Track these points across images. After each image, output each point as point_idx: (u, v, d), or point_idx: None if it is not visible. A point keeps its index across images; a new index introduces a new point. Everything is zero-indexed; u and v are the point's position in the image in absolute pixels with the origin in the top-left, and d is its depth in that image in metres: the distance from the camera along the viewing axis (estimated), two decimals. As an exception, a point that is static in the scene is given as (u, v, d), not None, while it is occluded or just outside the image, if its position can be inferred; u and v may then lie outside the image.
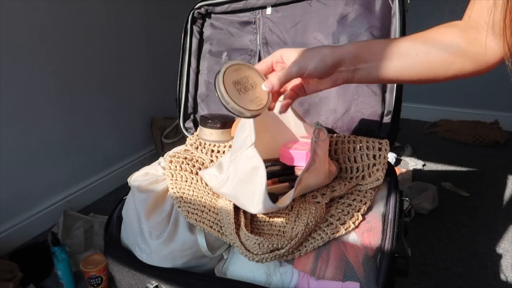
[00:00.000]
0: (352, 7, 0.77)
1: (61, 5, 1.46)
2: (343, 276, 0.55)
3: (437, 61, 0.50)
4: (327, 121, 0.83)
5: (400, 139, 2.15)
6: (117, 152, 1.88)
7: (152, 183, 0.71)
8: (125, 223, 0.72)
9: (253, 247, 0.56)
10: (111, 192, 1.83)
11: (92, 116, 1.70)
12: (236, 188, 0.59)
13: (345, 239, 0.59)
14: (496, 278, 1.20)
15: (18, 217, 1.46)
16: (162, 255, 0.63)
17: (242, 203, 0.60)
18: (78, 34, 1.56)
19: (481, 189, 1.71)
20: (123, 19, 1.77)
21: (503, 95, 2.21)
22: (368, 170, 0.69)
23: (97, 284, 1.18)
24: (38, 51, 1.42)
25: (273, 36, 0.85)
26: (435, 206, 1.55)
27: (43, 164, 1.52)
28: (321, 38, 0.80)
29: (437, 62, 0.50)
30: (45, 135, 1.51)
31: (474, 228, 1.45)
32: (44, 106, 1.48)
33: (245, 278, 0.60)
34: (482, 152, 2.09)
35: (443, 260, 1.29)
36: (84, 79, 1.63)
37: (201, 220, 0.63)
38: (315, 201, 0.63)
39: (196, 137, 0.83)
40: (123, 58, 1.81)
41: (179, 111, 0.96)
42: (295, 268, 0.58)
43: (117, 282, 0.71)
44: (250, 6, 0.84)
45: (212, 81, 0.94)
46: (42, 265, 1.31)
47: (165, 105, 2.09)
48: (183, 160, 0.74)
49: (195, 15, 0.89)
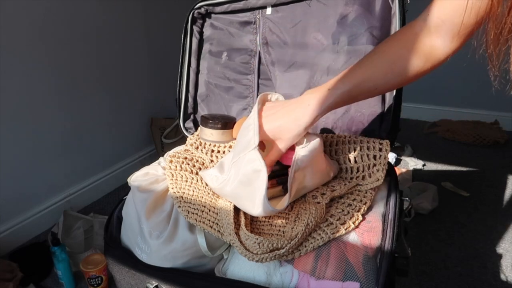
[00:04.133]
0: (352, 7, 0.77)
1: (61, 5, 1.47)
2: (343, 276, 0.55)
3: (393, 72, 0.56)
4: (327, 121, 0.83)
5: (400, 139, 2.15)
6: (117, 152, 1.88)
7: (152, 183, 0.71)
8: (125, 223, 0.72)
9: (253, 246, 0.56)
10: (111, 192, 1.83)
11: (92, 116, 1.70)
12: (237, 189, 0.59)
13: (345, 239, 0.59)
14: (496, 278, 1.20)
15: (18, 217, 1.46)
16: (162, 255, 0.63)
17: (242, 205, 0.61)
18: (78, 34, 1.56)
19: (481, 189, 1.71)
20: (123, 19, 1.77)
21: (503, 95, 2.21)
22: (368, 171, 0.69)
23: (97, 284, 1.18)
24: (38, 51, 1.42)
25: (273, 36, 0.85)
26: (435, 206, 1.55)
27: (43, 164, 1.52)
28: (321, 38, 0.80)
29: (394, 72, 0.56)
30: (45, 135, 1.51)
31: (474, 228, 1.45)
32: (44, 106, 1.48)
33: (245, 278, 0.60)
34: (482, 152, 2.09)
35: (443, 260, 1.29)
36: (84, 79, 1.63)
37: (201, 220, 0.63)
38: (315, 201, 0.63)
39: (196, 137, 0.83)
40: (123, 58, 1.81)
41: (179, 111, 0.96)
42: (295, 268, 0.58)
43: (117, 282, 0.71)
44: (250, 6, 0.84)
45: (212, 81, 0.94)
46: (42, 265, 1.31)
47: (165, 105, 2.10)
48: (183, 160, 0.74)
49: (195, 15, 0.89)
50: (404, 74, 0.55)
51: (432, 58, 0.54)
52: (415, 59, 0.54)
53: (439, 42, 0.53)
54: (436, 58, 0.54)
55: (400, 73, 0.55)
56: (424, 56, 0.54)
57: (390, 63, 0.55)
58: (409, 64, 0.54)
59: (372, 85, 0.56)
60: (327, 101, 0.56)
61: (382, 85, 0.56)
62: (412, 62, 0.54)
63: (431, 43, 0.54)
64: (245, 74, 0.91)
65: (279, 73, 0.86)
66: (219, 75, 0.93)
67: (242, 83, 0.92)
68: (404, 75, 0.55)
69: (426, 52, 0.54)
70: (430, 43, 0.54)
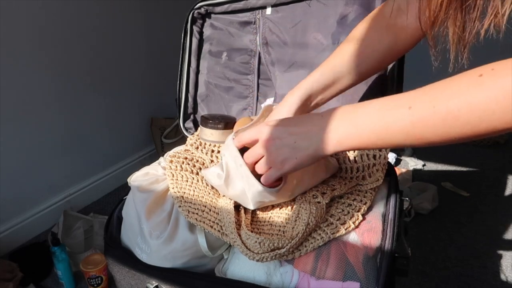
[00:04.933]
0: (352, 7, 0.77)
1: (60, 5, 1.47)
2: (343, 276, 0.55)
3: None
4: (327, 121, 0.83)
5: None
6: (117, 152, 1.88)
7: (152, 183, 0.71)
8: (125, 223, 0.72)
9: (253, 246, 0.56)
10: (111, 192, 1.83)
11: (92, 116, 1.70)
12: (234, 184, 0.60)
13: (345, 239, 0.59)
14: (496, 278, 1.21)
15: (18, 217, 1.46)
16: (162, 255, 0.63)
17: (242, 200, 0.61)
18: (78, 34, 1.56)
19: (481, 189, 1.72)
20: (123, 19, 1.77)
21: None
22: (368, 170, 0.70)
23: (97, 284, 1.18)
24: (38, 51, 1.42)
25: (273, 36, 0.85)
26: (435, 206, 1.55)
27: (43, 164, 1.52)
28: (320, 38, 0.80)
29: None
30: (45, 135, 1.51)
31: (474, 228, 1.45)
32: (44, 106, 1.48)
33: (245, 278, 0.60)
34: (482, 152, 2.09)
35: (443, 260, 1.29)
36: (84, 79, 1.63)
37: (201, 220, 0.63)
38: (315, 201, 0.63)
39: (197, 137, 0.83)
40: (123, 58, 1.81)
41: (179, 111, 0.97)
42: (295, 268, 0.58)
43: (117, 282, 0.71)
44: (250, 6, 0.84)
45: (212, 81, 0.94)
46: (42, 265, 1.31)
47: (165, 105, 2.09)
48: (184, 160, 0.75)
49: (195, 15, 0.89)
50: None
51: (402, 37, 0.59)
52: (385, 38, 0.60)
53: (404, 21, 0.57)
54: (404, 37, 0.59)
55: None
56: (393, 34, 0.59)
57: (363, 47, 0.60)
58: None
59: (345, 70, 0.62)
60: (299, 92, 0.63)
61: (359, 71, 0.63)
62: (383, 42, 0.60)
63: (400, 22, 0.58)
64: (245, 74, 0.91)
65: (279, 73, 0.86)
66: (219, 75, 0.93)
67: (242, 83, 0.92)
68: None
69: (395, 31, 0.58)
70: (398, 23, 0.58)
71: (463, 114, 0.36)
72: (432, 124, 0.38)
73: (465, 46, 0.44)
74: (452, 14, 0.42)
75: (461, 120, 0.36)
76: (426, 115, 0.39)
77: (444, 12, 0.42)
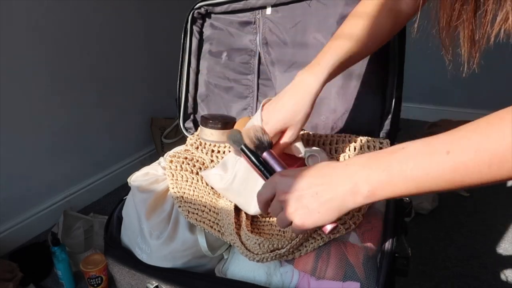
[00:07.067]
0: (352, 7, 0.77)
1: (60, 5, 1.46)
2: (344, 276, 0.55)
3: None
4: (327, 121, 0.83)
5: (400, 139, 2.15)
6: (117, 152, 1.88)
7: (152, 183, 0.71)
8: (125, 223, 0.72)
9: (253, 247, 0.56)
10: (111, 192, 1.83)
11: (92, 116, 1.70)
12: (241, 187, 0.60)
13: (345, 239, 0.59)
14: (496, 278, 1.20)
15: (18, 217, 1.46)
16: (162, 255, 0.63)
17: (243, 203, 0.61)
18: (78, 34, 1.56)
19: (481, 189, 1.71)
20: (123, 19, 1.77)
21: (503, 95, 2.21)
22: (368, 170, 0.69)
23: (97, 284, 1.18)
24: (38, 51, 1.42)
25: (273, 36, 0.85)
26: (435, 206, 1.55)
27: (43, 164, 1.52)
28: (320, 38, 0.80)
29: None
30: (45, 135, 1.51)
31: (474, 228, 1.45)
32: (44, 106, 1.48)
33: (246, 278, 0.60)
34: (482, 152, 2.09)
35: (443, 260, 1.29)
36: (84, 79, 1.63)
37: (201, 220, 0.63)
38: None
39: (197, 137, 0.83)
40: (123, 58, 1.81)
41: (179, 111, 0.96)
42: (295, 268, 0.58)
43: (117, 282, 0.71)
44: (250, 6, 0.84)
45: (212, 81, 0.94)
46: (42, 265, 1.31)
47: (165, 105, 2.09)
48: (184, 160, 0.75)
49: (195, 15, 0.89)
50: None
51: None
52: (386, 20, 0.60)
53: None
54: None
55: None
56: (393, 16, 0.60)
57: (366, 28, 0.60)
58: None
59: (356, 50, 0.60)
60: (322, 76, 0.58)
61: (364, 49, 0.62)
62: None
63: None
64: (245, 74, 0.91)
65: (279, 73, 0.86)
66: (219, 75, 0.93)
67: (242, 83, 0.92)
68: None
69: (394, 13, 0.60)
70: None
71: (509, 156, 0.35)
72: (476, 169, 0.37)
73: (477, 50, 0.44)
74: (464, 19, 0.42)
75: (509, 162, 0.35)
76: (466, 160, 0.37)
77: (457, 17, 0.43)
